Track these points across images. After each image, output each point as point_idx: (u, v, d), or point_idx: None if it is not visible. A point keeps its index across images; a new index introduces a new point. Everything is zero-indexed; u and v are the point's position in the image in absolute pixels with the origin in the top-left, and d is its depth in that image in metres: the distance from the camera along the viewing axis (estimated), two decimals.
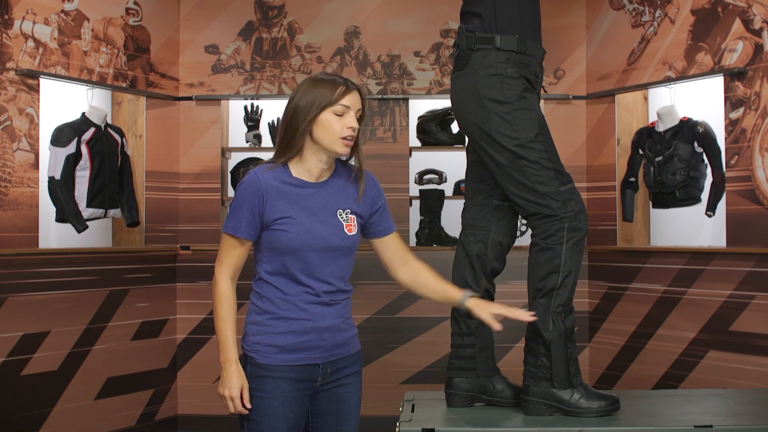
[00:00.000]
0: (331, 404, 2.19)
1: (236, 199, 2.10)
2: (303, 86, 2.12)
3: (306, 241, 2.08)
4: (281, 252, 2.09)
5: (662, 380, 4.28)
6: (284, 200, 2.08)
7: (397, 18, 4.88)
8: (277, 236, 2.08)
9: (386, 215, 2.27)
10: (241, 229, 2.08)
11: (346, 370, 2.20)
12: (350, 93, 2.09)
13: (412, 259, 2.28)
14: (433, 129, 4.77)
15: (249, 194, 2.07)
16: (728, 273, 4.00)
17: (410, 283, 2.27)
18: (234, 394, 2.07)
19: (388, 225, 2.27)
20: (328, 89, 2.08)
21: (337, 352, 2.16)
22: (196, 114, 4.85)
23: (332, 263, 2.13)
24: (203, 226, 4.81)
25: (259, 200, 2.07)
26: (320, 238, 2.10)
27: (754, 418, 2.29)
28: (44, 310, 4.05)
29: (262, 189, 2.07)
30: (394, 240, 2.28)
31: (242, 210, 2.08)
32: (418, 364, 4.74)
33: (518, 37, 2.34)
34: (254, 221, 2.08)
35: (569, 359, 2.29)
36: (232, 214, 2.10)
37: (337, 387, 2.19)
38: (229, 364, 2.08)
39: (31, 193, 4.01)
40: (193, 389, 4.75)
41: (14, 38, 3.96)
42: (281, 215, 2.08)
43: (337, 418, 2.20)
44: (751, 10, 3.90)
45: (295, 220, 2.08)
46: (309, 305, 2.11)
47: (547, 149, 2.32)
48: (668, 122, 4.34)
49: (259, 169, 2.12)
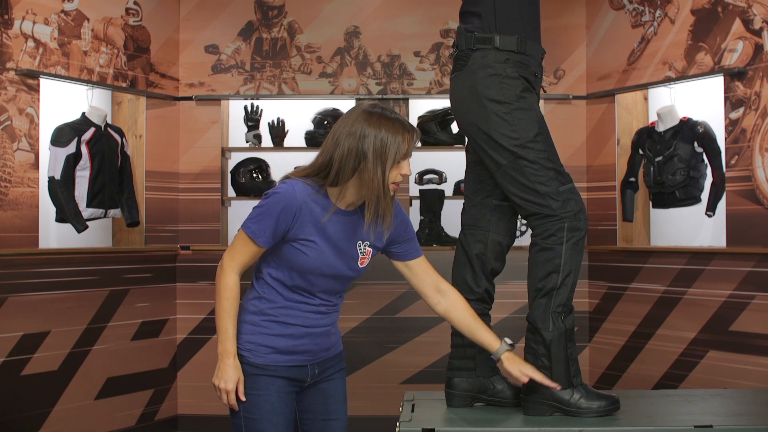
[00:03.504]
0: (318, 399, 2.23)
1: (267, 206, 2.05)
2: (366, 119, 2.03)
3: (318, 268, 2.09)
4: (291, 268, 2.10)
5: (662, 380, 4.28)
6: (312, 224, 2.07)
7: (397, 18, 4.88)
8: (294, 254, 2.08)
9: (410, 242, 2.25)
10: (263, 239, 2.06)
11: (331, 369, 2.25)
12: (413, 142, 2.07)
13: (447, 287, 2.27)
14: (433, 129, 4.78)
15: (281, 208, 2.03)
16: (728, 273, 3.99)
17: (445, 315, 2.27)
18: (230, 387, 2.08)
19: (413, 250, 2.25)
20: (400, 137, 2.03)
21: (324, 354, 2.21)
22: (196, 114, 4.85)
23: (334, 285, 2.16)
24: (203, 226, 4.80)
25: (290, 217, 2.04)
26: (332, 267, 2.11)
27: (754, 418, 2.29)
28: (44, 310, 4.05)
29: (296, 207, 2.04)
30: (421, 266, 2.26)
31: (270, 220, 2.04)
32: (418, 364, 4.73)
33: (518, 37, 2.34)
34: (278, 234, 2.06)
35: (569, 359, 2.29)
36: (259, 220, 2.05)
37: (322, 382, 2.23)
38: (226, 357, 2.09)
39: (31, 193, 4.01)
40: (193, 389, 4.75)
41: (14, 38, 3.96)
42: (306, 237, 2.07)
43: (325, 412, 2.24)
44: (751, 10, 3.90)
45: (316, 246, 2.08)
46: (306, 313, 2.14)
47: (547, 149, 2.32)
48: (668, 122, 4.34)
49: (298, 185, 2.06)
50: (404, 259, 2.25)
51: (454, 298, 2.26)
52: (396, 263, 2.27)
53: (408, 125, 2.06)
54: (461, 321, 2.25)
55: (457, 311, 2.25)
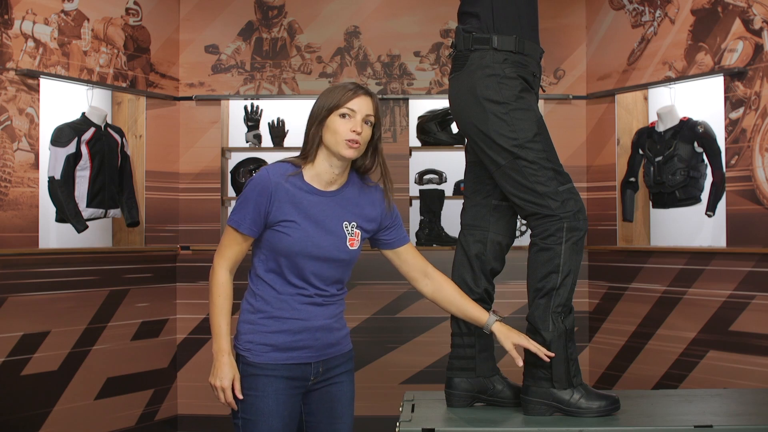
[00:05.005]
0: (324, 403, 2.21)
1: (245, 194, 2.11)
2: (321, 94, 2.16)
3: (305, 248, 2.09)
4: (279, 253, 2.11)
5: (662, 380, 4.28)
6: (291, 204, 2.09)
7: (397, 18, 4.88)
8: (278, 238, 2.09)
9: (398, 229, 2.29)
10: (245, 225, 2.10)
11: (338, 369, 2.22)
12: (357, 97, 2.11)
13: (432, 270, 2.31)
14: (433, 129, 4.77)
15: (257, 192, 2.08)
16: (728, 273, 3.99)
17: (433, 296, 2.31)
18: (225, 385, 2.08)
19: (400, 237, 2.29)
20: (338, 93, 2.11)
21: (329, 351, 2.18)
22: (196, 114, 4.85)
23: (328, 271, 2.15)
24: (203, 226, 4.81)
25: (266, 199, 2.08)
26: (320, 248, 2.11)
27: (754, 418, 2.29)
28: (44, 310, 4.05)
29: (271, 189, 2.08)
30: (408, 252, 2.30)
31: (249, 206, 2.09)
32: (418, 364, 4.74)
33: (516, 37, 2.34)
34: (259, 219, 2.09)
35: (569, 359, 2.29)
36: (238, 209, 2.11)
37: (329, 385, 2.21)
38: (221, 355, 2.09)
39: (31, 193, 4.01)
40: (193, 389, 4.75)
41: (14, 38, 3.96)
42: (286, 218, 2.09)
43: (330, 417, 2.22)
44: (751, 10, 3.90)
45: (298, 225, 2.09)
46: (302, 305, 2.13)
47: (546, 149, 2.31)
48: (668, 122, 4.34)
49: (272, 168, 2.13)
50: (393, 246, 2.28)
51: (440, 279, 2.31)
52: (385, 252, 2.30)
53: (352, 85, 2.14)
54: (449, 299, 2.29)
55: (444, 291, 2.30)
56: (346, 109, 2.09)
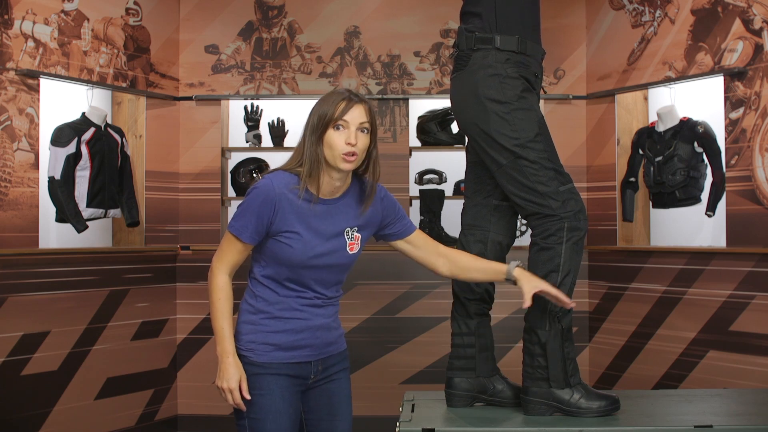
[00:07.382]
0: (323, 399, 2.22)
1: (247, 202, 2.09)
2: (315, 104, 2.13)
3: (306, 259, 2.10)
4: (280, 263, 2.11)
5: (662, 380, 4.28)
6: (294, 215, 2.08)
7: (397, 18, 4.88)
8: (280, 248, 2.09)
9: (402, 219, 2.28)
10: (246, 234, 2.09)
11: (335, 367, 2.24)
12: (351, 108, 2.08)
13: (443, 248, 2.31)
14: (433, 129, 4.77)
15: (260, 201, 2.07)
16: (728, 273, 4.00)
17: (452, 271, 2.29)
18: (233, 386, 2.08)
19: (407, 226, 2.29)
20: (331, 104, 2.08)
21: (327, 350, 2.20)
22: (196, 114, 4.85)
23: (328, 276, 2.16)
24: (203, 226, 4.81)
25: (270, 210, 2.07)
26: (320, 257, 2.11)
27: (754, 418, 2.29)
28: (44, 310, 4.05)
29: (275, 200, 2.07)
30: (419, 237, 2.30)
31: (251, 215, 2.07)
32: (418, 364, 4.73)
33: (518, 37, 2.34)
34: (261, 229, 2.08)
35: (566, 359, 2.29)
36: (240, 217, 2.09)
37: (327, 383, 2.23)
38: (226, 356, 2.09)
39: (31, 193, 4.01)
40: (193, 389, 4.75)
41: (14, 38, 3.96)
42: (289, 229, 2.08)
43: (330, 413, 2.23)
44: (751, 10, 3.90)
45: (300, 237, 2.09)
46: (302, 306, 2.15)
47: (547, 149, 2.32)
48: (668, 122, 4.34)
49: (275, 178, 2.10)
50: (402, 236, 2.28)
51: (452, 253, 2.30)
52: (396, 243, 2.30)
53: (345, 93, 2.10)
54: (467, 267, 2.28)
55: (460, 262, 2.28)
56: (341, 121, 2.07)
